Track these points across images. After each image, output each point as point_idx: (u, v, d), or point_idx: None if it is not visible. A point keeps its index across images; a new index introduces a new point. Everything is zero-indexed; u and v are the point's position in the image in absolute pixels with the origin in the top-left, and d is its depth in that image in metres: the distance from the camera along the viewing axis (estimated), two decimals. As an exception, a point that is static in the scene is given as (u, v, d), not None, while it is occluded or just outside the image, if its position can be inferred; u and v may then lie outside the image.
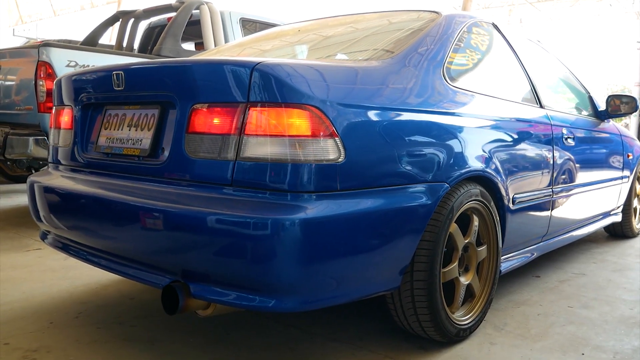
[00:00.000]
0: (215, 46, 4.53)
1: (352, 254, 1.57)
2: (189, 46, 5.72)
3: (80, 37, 5.45)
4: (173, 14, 4.57)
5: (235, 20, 4.76)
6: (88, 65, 3.66)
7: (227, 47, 2.91)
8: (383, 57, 1.90)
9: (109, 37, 10.43)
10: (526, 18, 21.37)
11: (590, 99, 3.41)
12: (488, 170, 2.03)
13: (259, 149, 1.49)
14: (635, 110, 3.34)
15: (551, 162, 2.55)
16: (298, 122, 1.47)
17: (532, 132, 2.46)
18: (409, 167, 1.71)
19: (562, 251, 3.39)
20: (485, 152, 2.04)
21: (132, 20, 5.29)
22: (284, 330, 2.06)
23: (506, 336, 2.05)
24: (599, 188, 3.17)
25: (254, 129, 1.50)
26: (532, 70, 2.72)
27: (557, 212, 2.69)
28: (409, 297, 1.81)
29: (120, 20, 5.33)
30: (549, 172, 2.53)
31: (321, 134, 1.49)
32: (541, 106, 2.66)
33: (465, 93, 2.09)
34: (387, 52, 1.96)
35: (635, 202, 3.96)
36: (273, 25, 5.18)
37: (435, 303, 1.82)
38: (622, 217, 3.79)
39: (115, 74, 1.84)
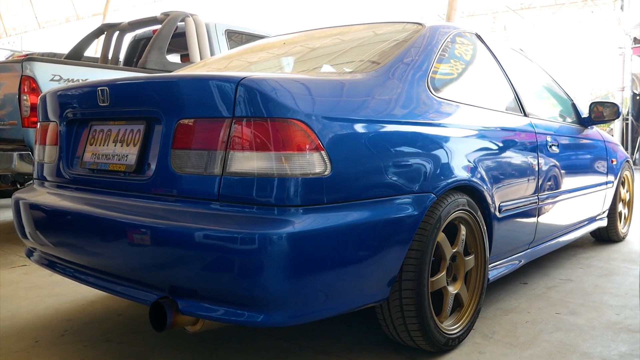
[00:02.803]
0: (200, 58, 4.52)
1: (340, 266, 1.58)
2: (175, 58, 5.71)
3: (66, 49, 5.43)
4: (158, 27, 4.57)
5: (220, 32, 4.77)
6: (73, 79, 3.64)
7: (213, 60, 2.92)
8: (368, 69, 1.91)
9: (94, 50, 10.39)
10: (510, 25, 21.62)
11: (574, 106, 3.44)
12: (474, 179, 2.05)
13: (245, 163, 1.49)
14: (618, 117, 3.39)
15: (536, 169, 2.58)
16: (283, 136, 1.48)
17: (516, 140, 2.48)
18: (395, 179, 1.72)
19: (549, 257, 3.42)
20: (470, 161, 2.06)
21: (117, 33, 5.27)
22: (274, 344, 2.05)
23: (495, 345, 2.06)
24: (584, 194, 3.19)
25: (239, 144, 1.50)
26: (515, 79, 2.75)
27: (543, 219, 2.72)
28: (398, 307, 1.82)
29: (105, 33, 5.31)
30: (534, 179, 2.56)
31: (307, 147, 1.50)
32: (525, 114, 2.69)
33: (450, 103, 2.11)
34: (372, 64, 1.97)
35: (620, 207, 4.00)
36: (259, 37, 5.19)
37: (423, 313, 1.82)
38: (608, 221, 3.82)
39: (100, 89, 1.83)
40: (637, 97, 15.32)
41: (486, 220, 2.18)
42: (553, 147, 2.78)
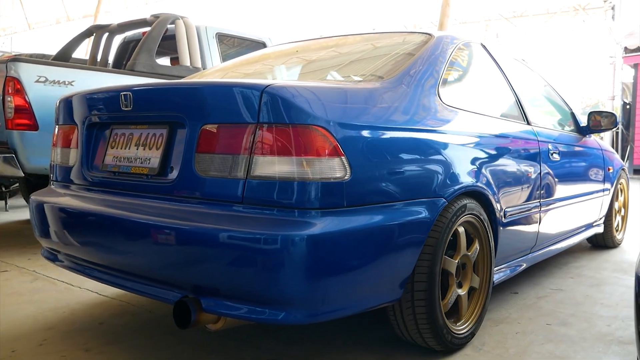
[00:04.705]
0: (190, 61, 4.47)
1: (358, 267, 1.63)
2: (166, 61, 5.65)
3: (57, 50, 5.34)
4: (148, 29, 4.51)
5: (211, 35, 4.72)
6: (59, 81, 3.57)
7: (223, 67, 2.94)
8: (382, 79, 1.98)
9: (85, 51, 10.28)
10: (502, 33, 21.67)
11: (572, 114, 3.53)
12: (482, 185, 2.12)
13: (269, 168, 1.55)
14: (616, 126, 3.47)
15: (539, 176, 2.65)
16: (306, 141, 1.54)
17: (521, 148, 2.55)
18: (409, 184, 1.79)
19: (539, 266, 3.38)
20: (478, 168, 2.14)
21: (106, 34, 5.21)
22: (259, 356, 1.99)
23: (485, 356, 2.02)
24: (582, 201, 3.26)
25: (263, 149, 1.56)
26: (518, 88, 2.82)
27: (545, 225, 2.78)
28: (410, 307, 1.87)
29: (94, 34, 5.25)
30: (537, 186, 2.63)
31: (328, 153, 1.56)
32: (528, 123, 2.76)
33: (459, 111, 2.17)
34: (385, 73, 2.04)
35: (615, 214, 4.06)
36: (250, 41, 5.16)
37: (434, 312, 1.88)
38: (604, 228, 3.89)
39: (123, 94, 1.88)
40: (627, 106, 15.41)
41: (492, 225, 2.24)
42: (554, 155, 2.86)
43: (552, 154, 2.83)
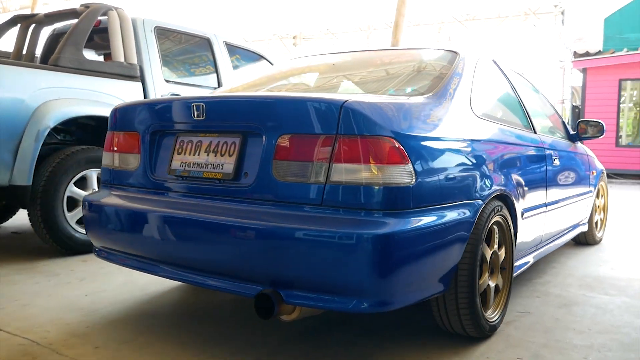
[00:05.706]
0: (125, 57, 4.03)
1: (420, 262, 1.82)
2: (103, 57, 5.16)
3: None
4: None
5: (149, 28, 4.29)
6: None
7: (262, 78, 2.97)
8: (427, 93, 2.18)
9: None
10: (455, 36, 21.82)
11: (563, 122, 3.91)
12: (508, 189, 2.38)
13: (347, 174, 1.73)
14: (602, 134, 3.82)
15: (545, 180, 2.97)
16: (380, 151, 1.73)
17: (534, 155, 2.87)
18: (457, 188, 2.02)
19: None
20: (504, 173, 2.40)
21: (33, 25, 4.72)
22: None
23: (452, 405, 1.73)
24: (575, 202, 3.62)
25: (342, 157, 1.74)
26: (524, 99, 3.13)
27: (548, 224, 3.10)
28: (453, 299, 2.07)
29: (20, 25, 4.75)
30: (544, 188, 2.95)
31: (399, 161, 1.75)
32: (534, 131, 3.07)
33: (486, 122, 2.41)
34: (428, 88, 2.26)
35: (596, 214, 4.48)
36: (193, 36, 4.76)
37: (474, 302, 2.09)
38: (588, 227, 4.26)
39: (195, 105, 2.02)
40: (577, 110, 15.69)
41: (513, 223, 2.49)
42: (556, 160, 3.19)
43: (554, 160, 3.15)
